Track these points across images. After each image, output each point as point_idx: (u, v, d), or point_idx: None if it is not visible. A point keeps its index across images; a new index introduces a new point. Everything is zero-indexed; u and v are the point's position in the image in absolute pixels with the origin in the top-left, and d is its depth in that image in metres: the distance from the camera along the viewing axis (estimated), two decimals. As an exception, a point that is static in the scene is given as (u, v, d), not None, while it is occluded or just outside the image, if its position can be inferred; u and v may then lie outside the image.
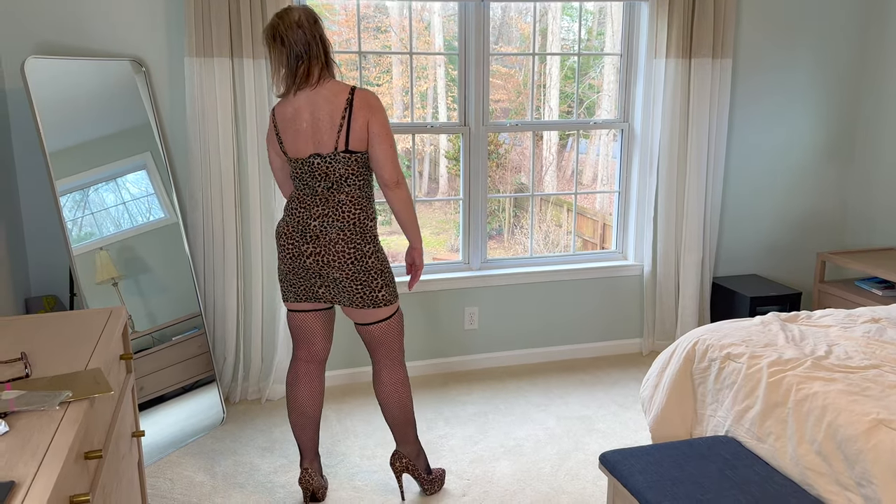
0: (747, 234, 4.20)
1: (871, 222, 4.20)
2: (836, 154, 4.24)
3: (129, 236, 3.08)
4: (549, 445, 3.11)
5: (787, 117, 4.10)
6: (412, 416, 2.64)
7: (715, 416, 2.47)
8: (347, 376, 3.72)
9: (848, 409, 2.04)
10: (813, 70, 4.07)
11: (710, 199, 3.94)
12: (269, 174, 3.33)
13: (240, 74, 3.21)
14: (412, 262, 2.63)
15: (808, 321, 2.76)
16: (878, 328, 2.66)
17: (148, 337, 3.07)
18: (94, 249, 2.94)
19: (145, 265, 3.12)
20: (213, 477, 2.88)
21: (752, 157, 4.10)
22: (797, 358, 2.37)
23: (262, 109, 3.26)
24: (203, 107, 3.19)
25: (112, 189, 3.07)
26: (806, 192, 4.24)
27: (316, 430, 2.67)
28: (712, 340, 2.57)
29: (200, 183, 3.26)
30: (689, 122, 3.79)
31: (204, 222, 3.30)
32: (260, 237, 3.37)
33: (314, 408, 2.64)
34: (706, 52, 3.70)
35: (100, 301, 2.92)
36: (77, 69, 3.01)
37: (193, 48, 3.13)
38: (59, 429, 1.33)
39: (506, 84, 4.02)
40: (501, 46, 3.96)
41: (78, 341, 1.78)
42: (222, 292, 3.35)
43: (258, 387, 3.52)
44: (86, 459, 1.44)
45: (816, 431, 2.08)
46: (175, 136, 3.29)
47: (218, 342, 3.41)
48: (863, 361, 2.36)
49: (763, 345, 2.49)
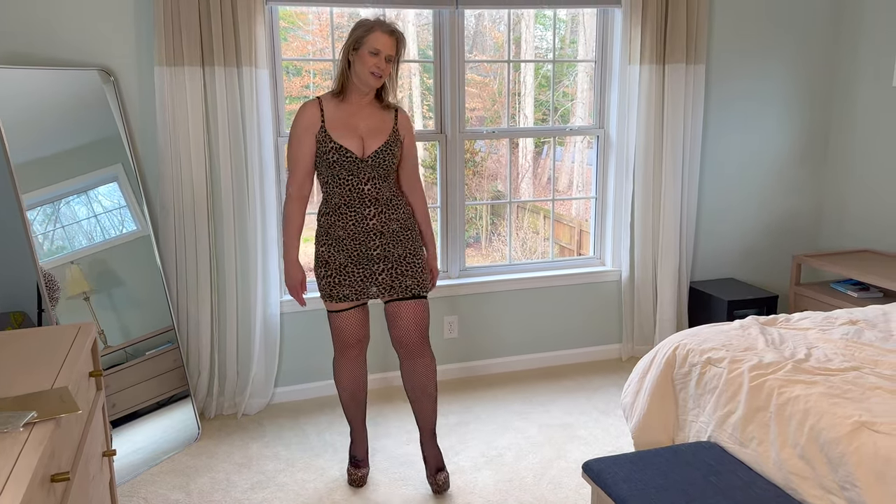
0: (723, 239, 4.22)
1: (845, 225, 4.24)
2: (809, 158, 4.28)
3: (101, 249, 3.01)
4: (531, 454, 3.08)
5: (760, 122, 4.14)
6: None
7: (697, 421, 2.46)
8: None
9: (830, 412, 2.04)
10: (785, 75, 4.11)
11: (685, 203, 3.95)
12: (242, 184, 3.28)
13: (211, 83, 3.16)
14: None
15: (787, 324, 2.77)
16: (856, 330, 2.67)
17: (121, 352, 3.00)
18: (66, 263, 2.87)
19: (117, 279, 3.05)
20: (188, 495, 2.81)
21: (726, 162, 4.13)
22: (777, 361, 2.36)
23: (234, 119, 3.21)
24: (174, 117, 3.13)
25: (83, 202, 3.00)
26: (780, 196, 4.28)
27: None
28: (692, 345, 2.56)
29: (172, 194, 3.20)
30: (664, 127, 3.80)
31: (176, 234, 3.23)
32: (234, 248, 3.31)
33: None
34: (679, 58, 3.72)
35: (71, 316, 2.84)
36: (43, 79, 2.94)
37: (163, 57, 3.07)
38: (22, 451, 1.28)
39: (481, 93, 4.01)
40: (476, 55, 3.95)
41: (44, 359, 1.72)
42: (195, 305, 3.28)
43: (234, 401, 3.45)
44: (52, 482, 1.38)
45: (799, 435, 2.08)
46: (145, 146, 3.23)
47: (192, 356, 3.34)
48: (842, 364, 2.36)
49: (743, 349, 2.49)
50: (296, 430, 3.33)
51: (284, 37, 3.51)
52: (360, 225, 2.62)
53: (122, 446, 2.92)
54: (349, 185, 2.60)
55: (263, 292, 3.39)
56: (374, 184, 2.62)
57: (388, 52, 2.54)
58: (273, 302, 3.43)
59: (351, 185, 2.60)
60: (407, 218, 2.72)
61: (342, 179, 2.60)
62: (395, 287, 2.66)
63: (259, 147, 3.27)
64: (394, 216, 2.67)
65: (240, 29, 3.13)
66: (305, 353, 3.61)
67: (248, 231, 3.32)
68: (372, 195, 2.62)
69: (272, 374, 3.50)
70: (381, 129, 2.64)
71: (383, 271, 2.65)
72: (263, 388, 3.48)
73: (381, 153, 2.61)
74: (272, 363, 3.49)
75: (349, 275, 2.65)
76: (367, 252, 2.64)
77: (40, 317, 2.99)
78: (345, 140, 2.59)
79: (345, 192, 2.61)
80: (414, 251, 2.70)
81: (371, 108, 2.66)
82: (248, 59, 3.17)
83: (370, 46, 2.51)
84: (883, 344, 2.53)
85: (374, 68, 2.53)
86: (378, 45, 2.51)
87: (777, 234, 4.32)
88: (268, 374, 3.48)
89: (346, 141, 2.59)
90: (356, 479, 2.87)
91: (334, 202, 2.63)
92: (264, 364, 3.45)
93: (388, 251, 2.65)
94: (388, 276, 2.66)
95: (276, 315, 3.45)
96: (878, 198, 4.03)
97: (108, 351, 2.94)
